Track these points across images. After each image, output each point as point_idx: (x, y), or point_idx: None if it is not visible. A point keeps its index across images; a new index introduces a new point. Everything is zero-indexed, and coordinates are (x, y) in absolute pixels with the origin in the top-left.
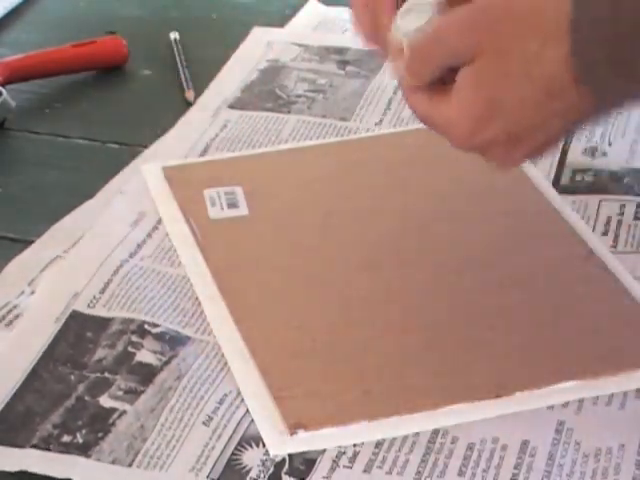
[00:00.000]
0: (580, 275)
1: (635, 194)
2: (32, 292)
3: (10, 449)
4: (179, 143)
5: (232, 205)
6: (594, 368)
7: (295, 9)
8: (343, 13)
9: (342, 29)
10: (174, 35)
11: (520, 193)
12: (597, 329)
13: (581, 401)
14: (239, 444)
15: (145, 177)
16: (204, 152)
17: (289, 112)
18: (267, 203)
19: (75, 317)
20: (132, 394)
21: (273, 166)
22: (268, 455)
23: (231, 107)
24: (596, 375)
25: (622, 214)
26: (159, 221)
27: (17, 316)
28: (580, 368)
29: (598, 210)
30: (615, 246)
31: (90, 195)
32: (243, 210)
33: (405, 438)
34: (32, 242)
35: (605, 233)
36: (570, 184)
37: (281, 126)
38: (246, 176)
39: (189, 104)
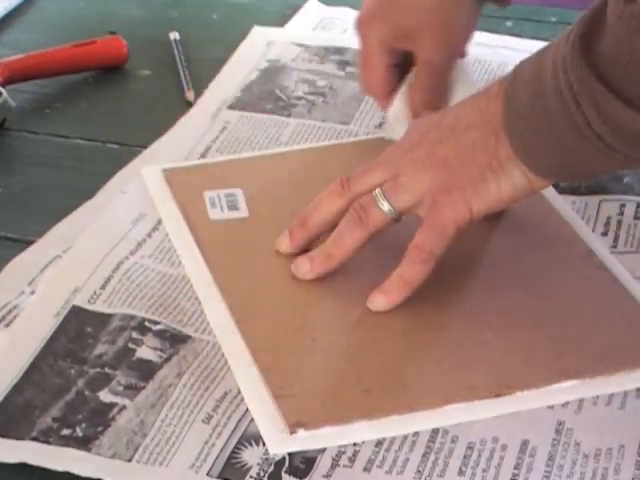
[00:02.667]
0: (580, 275)
1: (635, 194)
2: (32, 292)
3: (9, 441)
4: (179, 144)
5: (232, 207)
6: (594, 368)
7: (295, 9)
8: (343, 13)
9: (342, 29)
10: (174, 35)
11: None
12: (597, 329)
13: (581, 401)
14: (239, 442)
15: (145, 180)
16: (204, 154)
17: (289, 115)
18: (267, 205)
19: (75, 312)
20: (132, 390)
21: (273, 168)
22: (268, 454)
23: (231, 108)
24: (596, 375)
25: (622, 214)
26: (159, 222)
27: (17, 316)
28: (580, 368)
29: (598, 210)
30: (615, 246)
31: (90, 195)
32: (243, 212)
33: (405, 437)
34: (32, 242)
35: (605, 233)
36: (570, 184)
37: (281, 129)
38: (246, 178)
39: (189, 104)
